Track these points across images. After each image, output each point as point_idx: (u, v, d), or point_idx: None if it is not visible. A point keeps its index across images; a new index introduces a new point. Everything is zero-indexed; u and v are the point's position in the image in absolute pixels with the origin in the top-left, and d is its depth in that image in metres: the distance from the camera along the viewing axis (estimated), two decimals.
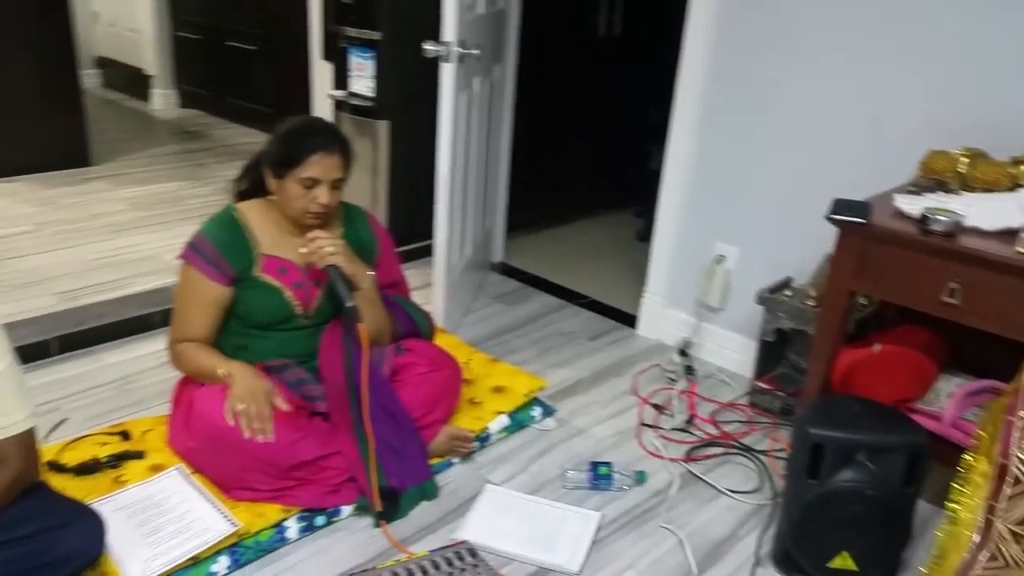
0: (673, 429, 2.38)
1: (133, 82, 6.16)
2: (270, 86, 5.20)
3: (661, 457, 2.24)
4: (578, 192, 4.21)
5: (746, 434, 2.38)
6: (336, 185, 1.94)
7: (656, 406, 2.49)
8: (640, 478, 2.11)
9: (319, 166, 1.89)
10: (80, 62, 4.37)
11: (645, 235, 3.89)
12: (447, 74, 2.53)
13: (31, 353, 2.44)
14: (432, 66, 2.55)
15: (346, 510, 1.92)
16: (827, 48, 2.36)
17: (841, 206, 1.84)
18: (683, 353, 2.75)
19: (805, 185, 2.47)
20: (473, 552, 1.77)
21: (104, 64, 6.50)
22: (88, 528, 1.55)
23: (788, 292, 2.46)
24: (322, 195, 1.90)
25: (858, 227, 1.81)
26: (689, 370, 2.68)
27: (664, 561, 1.87)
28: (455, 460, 2.15)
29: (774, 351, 2.52)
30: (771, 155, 2.56)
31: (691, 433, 2.37)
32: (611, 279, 3.46)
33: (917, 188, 1.99)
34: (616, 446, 2.29)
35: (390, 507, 1.92)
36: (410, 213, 3.44)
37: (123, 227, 3.57)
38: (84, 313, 2.72)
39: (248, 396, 1.84)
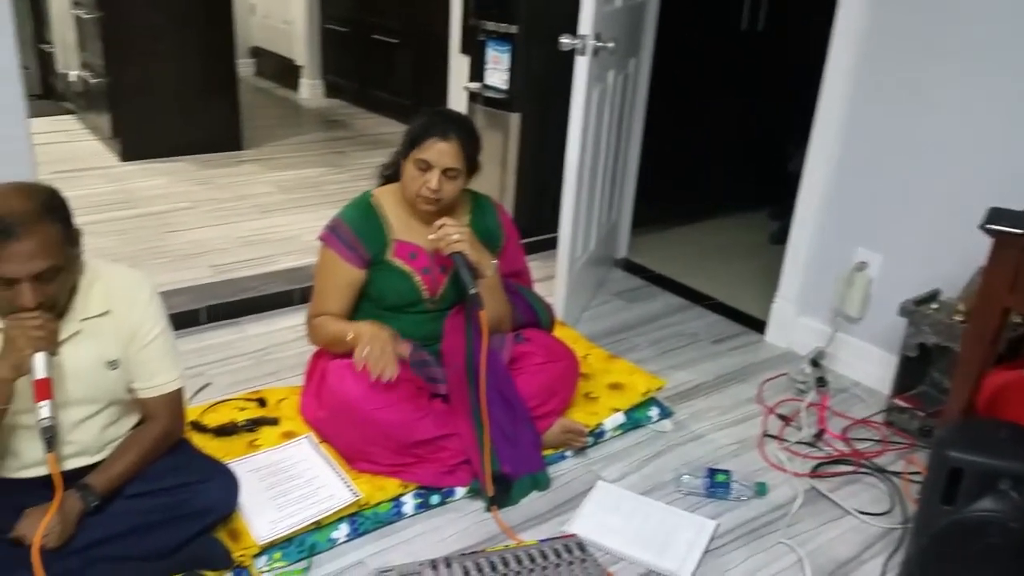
0: (799, 442, 2.28)
1: (283, 72, 6.51)
2: (409, 78, 5.36)
3: (784, 470, 2.16)
4: (710, 191, 4.11)
5: (879, 454, 2.25)
6: (449, 175, 1.95)
7: (782, 417, 2.40)
8: (760, 490, 2.05)
9: (433, 150, 1.93)
10: (237, 52, 4.67)
11: (780, 238, 3.75)
12: (581, 67, 2.53)
13: (183, 320, 2.63)
14: (566, 59, 2.55)
15: (460, 491, 1.97)
16: (989, 49, 2.19)
17: (997, 215, 1.70)
18: (815, 364, 2.63)
19: (959, 193, 2.31)
20: (582, 546, 1.77)
21: (257, 54, 6.90)
22: (225, 485, 1.66)
23: (934, 305, 2.31)
24: (432, 180, 1.94)
25: (1015, 238, 1.67)
26: (821, 382, 2.56)
27: None
28: (568, 453, 2.16)
29: (915, 368, 2.37)
30: (923, 160, 2.41)
31: (819, 448, 2.27)
32: (740, 282, 3.36)
33: None
34: (736, 455, 2.23)
35: (502, 493, 1.95)
36: (536, 205, 3.47)
37: (270, 208, 3.79)
38: (232, 286, 2.91)
39: (371, 339, 1.91)
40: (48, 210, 1.42)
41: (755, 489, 2.04)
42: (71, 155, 4.41)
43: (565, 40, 2.51)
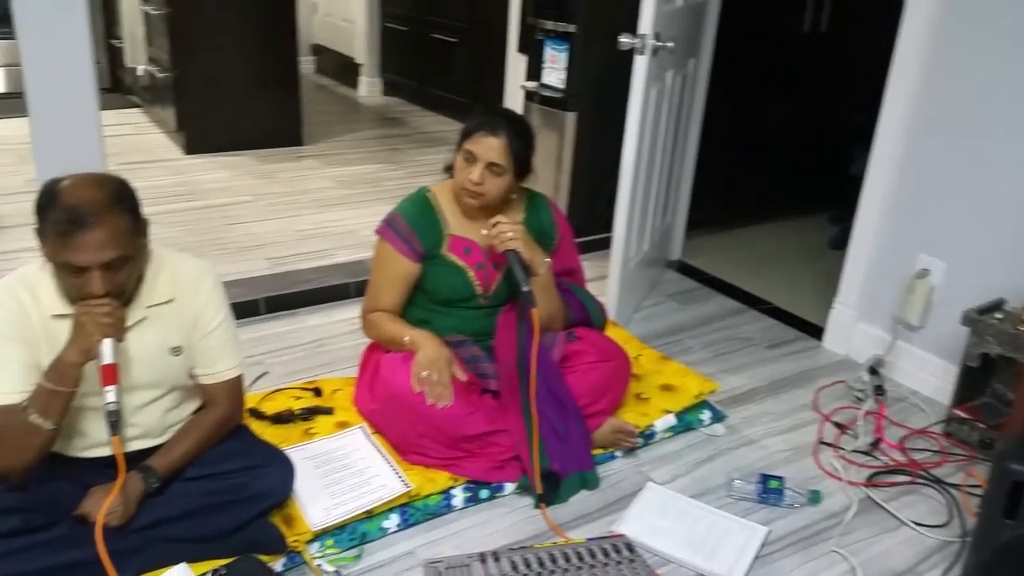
0: (855, 451, 2.24)
1: (343, 69, 6.61)
2: (467, 77, 5.40)
3: (839, 479, 2.12)
4: (768, 194, 4.05)
5: (937, 465, 2.19)
6: (493, 170, 1.96)
7: (838, 425, 2.36)
8: (814, 498, 2.01)
9: (481, 144, 1.94)
10: (299, 49, 4.76)
11: (840, 243, 3.67)
12: (640, 67, 2.52)
13: (243, 311, 2.69)
14: (624, 59, 2.54)
15: (509, 487, 1.98)
16: None
17: None
18: (873, 371, 2.57)
19: None
20: (630, 547, 1.76)
21: (318, 51, 7.02)
22: (282, 471, 1.70)
23: (999, 315, 2.24)
24: (475, 172, 1.95)
25: None
26: (879, 390, 2.50)
27: None
28: (617, 453, 2.15)
29: (977, 378, 2.30)
30: (991, 166, 2.33)
31: (875, 457, 2.22)
32: (798, 286, 3.30)
33: None
34: (789, 461, 2.19)
35: (550, 490, 1.95)
36: (590, 205, 3.47)
37: (328, 203, 3.85)
38: (290, 278, 2.97)
39: (431, 364, 1.93)
40: (118, 200, 1.47)
41: (809, 496, 2.01)
42: (137, 147, 4.56)
43: (624, 39, 2.50)
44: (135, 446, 1.64)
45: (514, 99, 4.05)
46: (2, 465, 1.51)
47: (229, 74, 4.45)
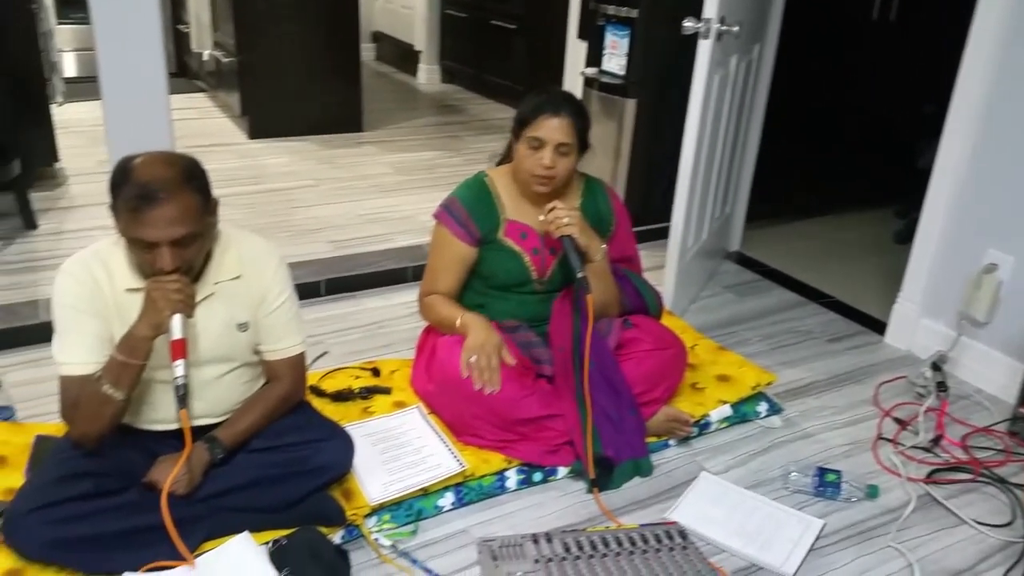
0: (915, 447, 2.20)
1: (402, 57, 6.67)
2: (525, 64, 5.40)
3: (898, 475, 2.08)
4: (831, 185, 3.97)
5: (1001, 464, 2.14)
6: (561, 150, 1.96)
7: (898, 420, 2.31)
8: (872, 492, 1.98)
9: (545, 127, 1.94)
10: (360, 36, 4.83)
11: (905, 237, 3.59)
12: (703, 52, 2.49)
13: (304, 292, 2.72)
14: (687, 44, 2.52)
15: (562, 471, 1.99)
16: None
17: None
18: (936, 368, 2.51)
19: None
20: (683, 534, 1.76)
21: (378, 39, 7.10)
22: (342, 446, 1.75)
23: None
24: (545, 157, 1.95)
25: None
26: (941, 387, 2.44)
27: None
28: (671, 442, 2.15)
29: None
30: None
31: (936, 454, 2.17)
32: (860, 280, 3.24)
33: None
34: (847, 456, 2.16)
35: (603, 476, 1.96)
36: (648, 194, 3.45)
37: (387, 188, 3.91)
38: (351, 261, 3.03)
39: (479, 348, 1.96)
40: (189, 178, 1.51)
41: (866, 491, 1.98)
42: (203, 131, 4.68)
43: (688, 23, 2.47)
44: (201, 420, 1.69)
45: (573, 86, 4.03)
46: (77, 432, 1.58)
47: (292, 60, 4.53)
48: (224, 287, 1.66)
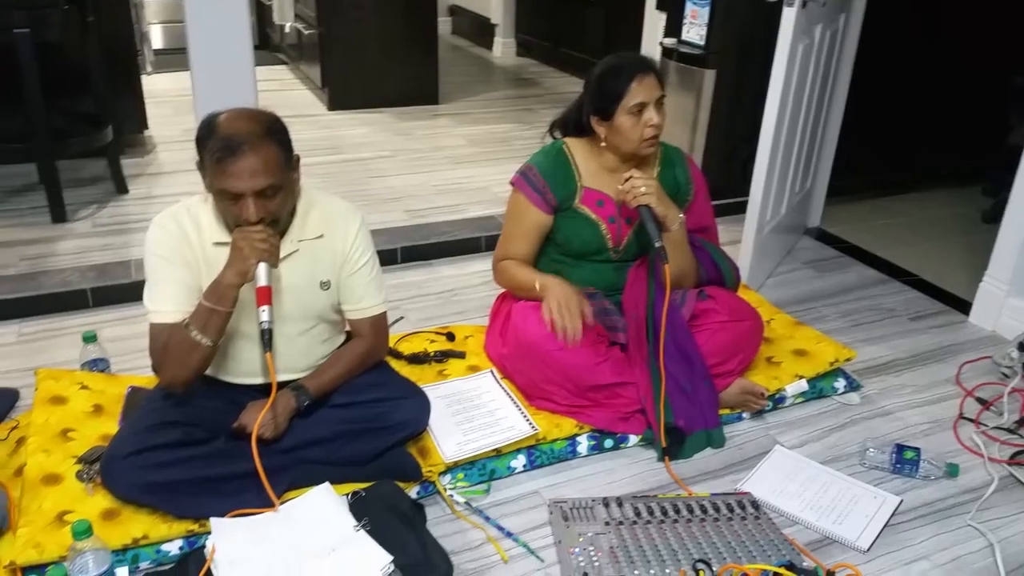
0: (997, 428, 2.13)
1: (478, 30, 6.68)
2: (601, 36, 5.34)
3: (980, 455, 2.02)
4: (917, 161, 3.83)
5: None
6: (660, 102, 1.97)
7: (981, 400, 2.24)
8: (952, 471, 1.93)
9: (641, 89, 1.94)
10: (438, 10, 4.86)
11: (993, 216, 3.46)
12: (787, 20, 2.43)
13: (381, 259, 2.71)
14: (767, 14, 2.47)
15: (633, 439, 2.00)
16: None
17: None
18: (1022, 348, 2.42)
19: None
20: (756, 504, 1.75)
21: (455, 12, 7.12)
22: (419, 405, 1.79)
23: None
24: (652, 116, 1.95)
25: None
26: None
27: (966, 561, 1.70)
28: (745, 415, 2.13)
29: None
30: None
31: (1020, 436, 2.10)
32: (946, 259, 3.13)
33: None
34: (926, 434, 2.11)
35: (674, 445, 1.96)
36: (725, 167, 3.39)
37: (461, 160, 3.94)
38: (426, 230, 3.08)
39: (562, 300, 1.97)
40: (271, 132, 1.57)
41: (946, 469, 1.93)
42: (284, 102, 4.79)
43: None
44: (282, 376, 1.74)
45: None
46: (167, 377, 1.65)
47: (372, 33, 4.60)
48: (307, 245, 1.71)
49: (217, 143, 1.52)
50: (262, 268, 1.57)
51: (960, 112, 3.81)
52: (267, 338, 1.60)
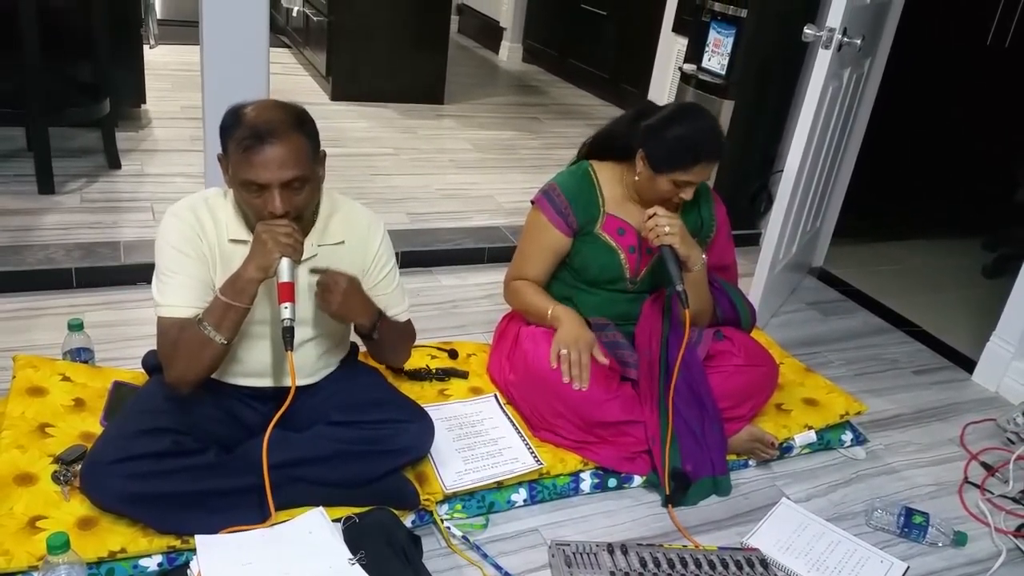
0: (1003, 496, 2.09)
1: (485, 32, 6.59)
2: (612, 53, 5.29)
3: (986, 524, 1.98)
4: (921, 209, 3.82)
5: None
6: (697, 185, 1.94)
7: (986, 466, 2.21)
8: (960, 540, 1.89)
9: (699, 172, 1.88)
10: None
11: (993, 272, 3.46)
12: (822, 62, 2.38)
13: None
14: (788, 51, 2.41)
15: (638, 480, 1.93)
16: None
17: None
18: None
19: None
20: (764, 563, 1.69)
21: (463, 11, 7.02)
22: (424, 429, 1.70)
23: None
24: (688, 195, 1.91)
25: None
26: None
27: None
28: (751, 463, 2.07)
29: None
30: None
31: None
32: (947, 312, 3.11)
33: None
34: (932, 497, 2.07)
35: (679, 491, 1.89)
36: (734, 199, 3.31)
37: (465, 165, 3.85)
38: (428, 236, 2.99)
39: (572, 343, 1.90)
40: (299, 123, 1.50)
41: (954, 537, 1.88)
42: (284, 87, 4.65)
43: (809, 31, 2.37)
44: (288, 382, 1.62)
45: (663, 80, 3.95)
46: (175, 375, 1.55)
47: (382, 25, 4.49)
48: (326, 251, 1.63)
49: (244, 131, 1.44)
50: (285, 263, 1.48)
51: (969, 165, 3.81)
52: (289, 336, 1.51)
